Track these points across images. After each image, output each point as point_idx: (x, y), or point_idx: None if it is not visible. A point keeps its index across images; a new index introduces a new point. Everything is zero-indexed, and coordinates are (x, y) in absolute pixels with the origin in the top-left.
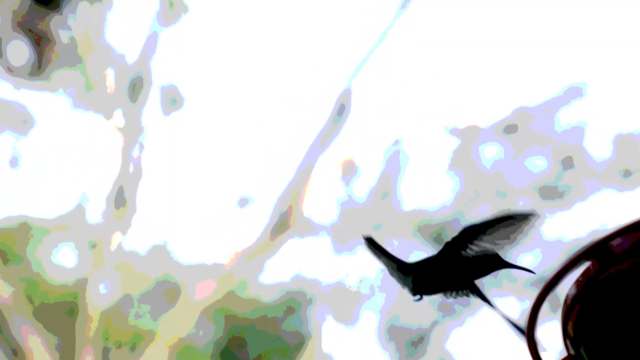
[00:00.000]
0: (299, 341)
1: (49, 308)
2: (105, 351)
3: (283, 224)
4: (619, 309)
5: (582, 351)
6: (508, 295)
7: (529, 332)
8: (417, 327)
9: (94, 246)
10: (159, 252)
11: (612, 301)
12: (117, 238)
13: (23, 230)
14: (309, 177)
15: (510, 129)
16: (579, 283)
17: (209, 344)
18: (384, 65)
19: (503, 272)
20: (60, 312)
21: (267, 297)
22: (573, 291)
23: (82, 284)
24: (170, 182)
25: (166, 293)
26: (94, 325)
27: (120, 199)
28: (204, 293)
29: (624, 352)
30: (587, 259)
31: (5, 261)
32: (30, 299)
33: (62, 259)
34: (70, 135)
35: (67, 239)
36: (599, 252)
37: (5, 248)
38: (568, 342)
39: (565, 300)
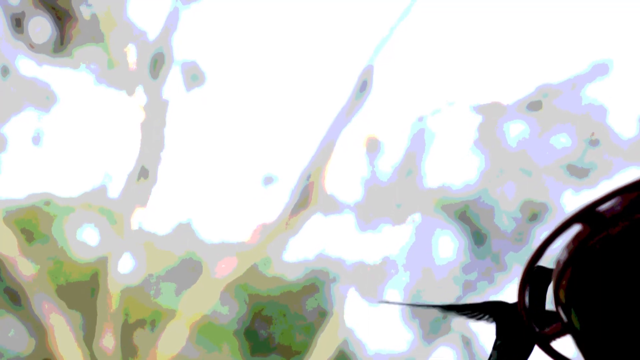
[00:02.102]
0: (323, 319)
1: (71, 286)
2: (126, 328)
3: (304, 201)
4: (610, 274)
5: (574, 317)
6: None
7: (520, 298)
8: (440, 303)
9: (116, 224)
10: (183, 230)
11: (603, 266)
12: (139, 215)
13: (47, 208)
14: (331, 153)
15: (534, 106)
16: (570, 248)
17: (233, 321)
18: (406, 43)
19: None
20: (83, 290)
21: (291, 276)
22: (564, 256)
23: (104, 261)
24: (193, 160)
25: (189, 271)
26: (115, 302)
27: (143, 176)
28: (227, 271)
29: (615, 318)
30: (577, 224)
31: (30, 240)
32: (53, 277)
33: (85, 237)
34: (93, 112)
35: (90, 217)
36: (589, 216)
37: (30, 226)
38: (560, 309)
39: (557, 265)
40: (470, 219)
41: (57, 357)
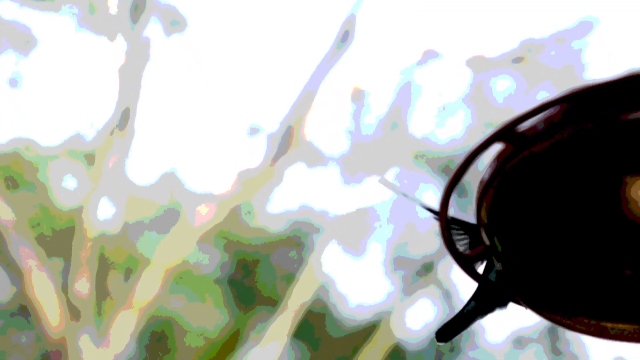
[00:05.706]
0: (305, 270)
1: (50, 231)
2: (102, 274)
3: (284, 149)
4: (531, 193)
5: (496, 239)
6: None
7: (442, 216)
8: (422, 256)
9: (96, 170)
10: (166, 178)
11: (525, 185)
12: (119, 161)
13: (27, 154)
14: (312, 103)
15: (520, 61)
16: (492, 166)
17: (216, 270)
18: None
19: None
20: (63, 237)
21: (275, 227)
22: (486, 176)
23: (84, 209)
24: (174, 107)
25: (170, 219)
26: (93, 249)
27: (123, 123)
28: (206, 218)
29: (536, 239)
30: (498, 142)
31: (13, 186)
32: (32, 223)
33: (65, 183)
34: (73, 57)
35: (70, 163)
36: (510, 135)
37: (10, 172)
38: (482, 229)
39: (480, 184)
40: None
41: (35, 303)
